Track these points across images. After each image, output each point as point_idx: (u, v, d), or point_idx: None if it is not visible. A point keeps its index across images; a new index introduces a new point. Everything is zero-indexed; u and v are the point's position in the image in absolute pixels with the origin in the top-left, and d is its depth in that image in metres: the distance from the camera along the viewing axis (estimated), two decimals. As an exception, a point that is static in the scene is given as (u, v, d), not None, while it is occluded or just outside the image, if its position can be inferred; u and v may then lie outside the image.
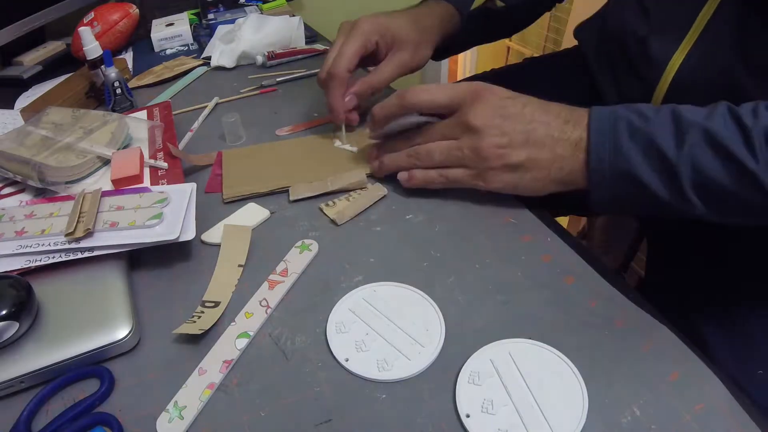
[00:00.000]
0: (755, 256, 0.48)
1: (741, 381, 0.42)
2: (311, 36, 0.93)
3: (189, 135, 0.66)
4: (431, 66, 1.89)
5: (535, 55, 1.46)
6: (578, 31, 0.72)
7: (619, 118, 0.40)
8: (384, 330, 0.38)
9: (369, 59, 0.60)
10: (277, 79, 0.78)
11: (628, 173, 0.39)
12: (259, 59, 0.83)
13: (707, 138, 0.36)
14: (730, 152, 0.36)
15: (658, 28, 0.52)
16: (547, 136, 0.42)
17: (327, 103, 0.58)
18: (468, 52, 2.33)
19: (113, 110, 0.71)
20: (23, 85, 0.87)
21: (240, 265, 0.45)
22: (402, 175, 0.49)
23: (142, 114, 0.68)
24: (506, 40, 2.17)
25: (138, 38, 1.00)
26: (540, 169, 0.43)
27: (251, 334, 0.39)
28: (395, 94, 0.48)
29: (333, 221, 0.49)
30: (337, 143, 0.59)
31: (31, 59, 0.93)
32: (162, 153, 0.58)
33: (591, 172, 0.40)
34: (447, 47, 0.67)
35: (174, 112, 0.68)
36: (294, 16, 0.93)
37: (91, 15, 0.92)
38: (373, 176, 0.53)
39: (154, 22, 0.99)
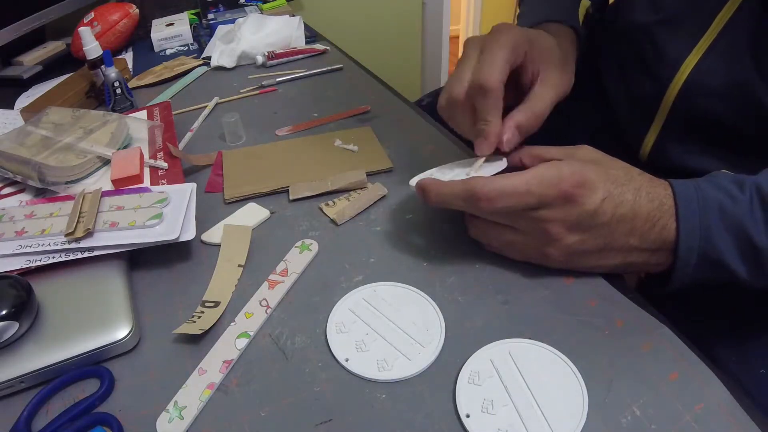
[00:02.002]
0: None
1: (741, 381, 0.41)
2: (311, 36, 0.93)
3: (189, 135, 0.66)
4: (430, 65, 1.89)
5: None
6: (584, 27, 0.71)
7: (709, 200, 0.37)
8: (384, 330, 0.38)
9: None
10: (277, 79, 0.78)
11: (716, 261, 0.37)
12: (259, 59, 0.83)
13: None
14: None
15: (673, 27, 0.52)
16: (625, 245, 0.39)
17: (481, 123, 0.42)
18: (468, 52, 2.32)
19: (113, 110, 0.71)
20: (23, 85, 0.87)
21: (240, 265, 0.45)
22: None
23: (142, 114, 0.68)
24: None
25: (138, 38, 1.00)
26: (606, 267, 0.41)
27: (251, 334, 0.39)
28: (465, 189, 0.38)
29: (333, 221, 0.49)
30: (338, 143, 0.59)
31: (31, 59, 0.93)
32: (162, 153, 0.58)
33: (677, 266, 0.38)
34: None
35: (174, 112, 0.68)
36: (294, 16, 0.93)
37: (91, 15, 0.92)
38: (373, 176, 0.53)
39: (154, 22, 0.99)
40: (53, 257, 0.43)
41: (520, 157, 0.43)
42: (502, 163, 0.43)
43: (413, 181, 0.44)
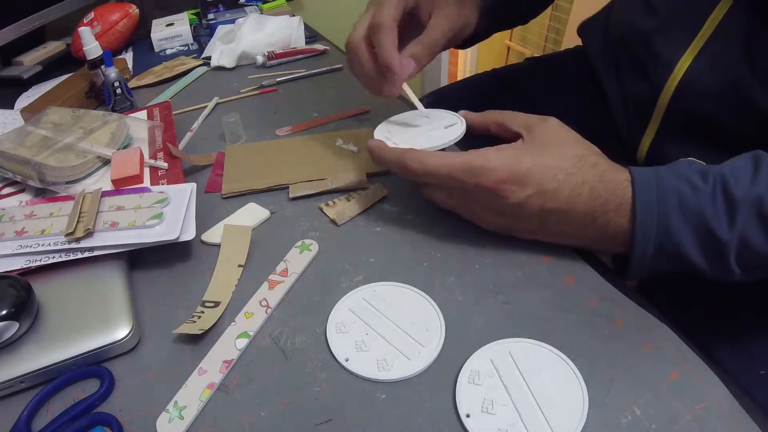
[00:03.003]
0: None
1: (742, 381, 0.42)
2: (311, 36, 0.93)
3: (189, 135, 0.66)
4: (430, 65, 1.89)
5: (536, 55, 1.45)
6: (582, 29, 0.72)
7: (668, 190, 0.36)
8: (384, 330, 0.38)
9: (406, 31, 0.50)
10: (277, 79, 0.78)
11: (674, 252, 0.36)
12: (259, 59, 0.83)
13: (758, 210, 0.34)
14: None
15: (666, 28, 0.52)
16: (559, 231, 0.40)
17: (381, 60, 0.47)
18: (468, 51, 2.33)
19: (113, 110, 0.71)
20: (23, 85, 0.87)
21: (240, 265, 0.45)
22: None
23: (142, 114, 0.68)
24: (506, 40, 2.17)
25: (138, 38, 1.00)
26: (554, 239, 0.42)
27: (251, 334, 0.39)
28: (398, 159, 0.42)
29: (333, 221, 0.49)
30: (339, 142, 0.59)
31: (31, 59, 0.93)
32: (162, 153, 0.58)
33: (634, 254, 0.37)
34: (473, 35, 0.62)
35: (174, 112, 0.68)
36: (294, 16, 0.93)
37: (91, 15, 0.92)
38: (373, 176, 0.53)
39: (154, 22, 0.99)
40: (53, 257, 0.43)
41: (485, 123, 0.45)
42: (460, 127, 0.46)
43: (376, 132, 0.49)
